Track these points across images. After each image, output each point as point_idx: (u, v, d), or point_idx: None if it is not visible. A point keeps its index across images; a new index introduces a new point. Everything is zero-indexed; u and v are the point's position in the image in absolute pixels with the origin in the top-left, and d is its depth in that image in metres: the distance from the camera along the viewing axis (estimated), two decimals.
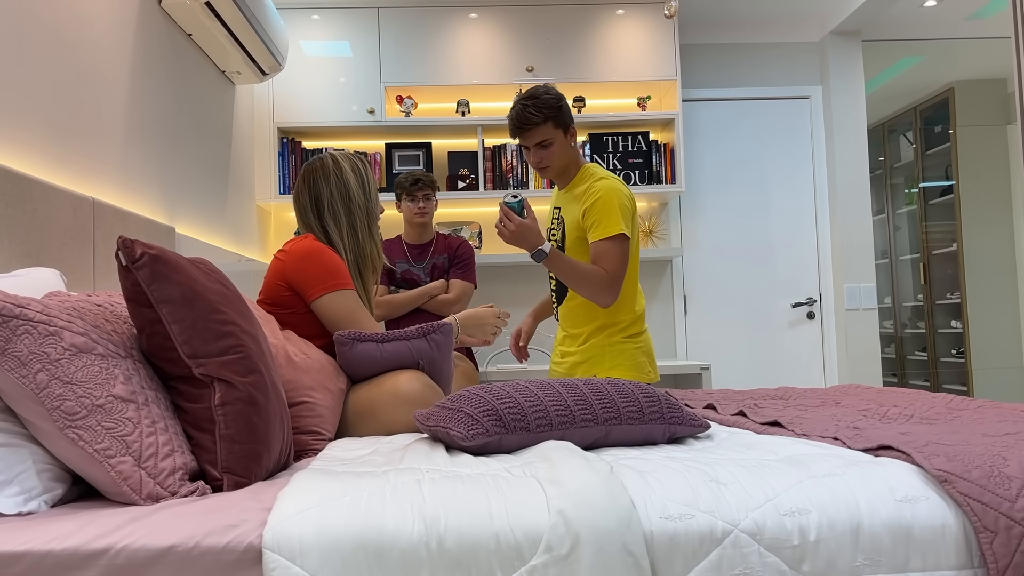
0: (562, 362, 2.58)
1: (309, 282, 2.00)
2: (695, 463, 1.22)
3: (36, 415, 1.12)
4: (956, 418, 1.69)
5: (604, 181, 2.41)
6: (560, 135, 2.44)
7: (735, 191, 4.58)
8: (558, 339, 2.63)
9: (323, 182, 2.16)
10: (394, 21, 4.10)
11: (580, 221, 2.41)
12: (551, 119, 2.40)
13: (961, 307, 5.84)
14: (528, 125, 2.40)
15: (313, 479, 1.15)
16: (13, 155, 1.84)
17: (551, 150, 2.44)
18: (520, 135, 2.44)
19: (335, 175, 2.16)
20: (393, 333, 1.92)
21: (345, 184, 2.16)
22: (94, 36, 2.27)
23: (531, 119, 2.39)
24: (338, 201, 2.14)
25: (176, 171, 2.87)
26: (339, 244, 2.14)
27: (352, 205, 2.16)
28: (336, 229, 2.14)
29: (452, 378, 2.08)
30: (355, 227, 2.16)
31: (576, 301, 2.48)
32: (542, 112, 2.39)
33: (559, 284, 2.54)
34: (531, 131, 2.41)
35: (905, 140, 6.58)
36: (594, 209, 2.37)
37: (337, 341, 1.89)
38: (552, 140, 2.43)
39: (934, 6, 4.40)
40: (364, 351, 1.86)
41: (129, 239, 1.26)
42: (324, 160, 2.19)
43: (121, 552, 0.99)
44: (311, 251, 2.03)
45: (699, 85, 4.58)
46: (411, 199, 3.42)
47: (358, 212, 2.17)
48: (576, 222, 2.43)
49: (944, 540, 1.08)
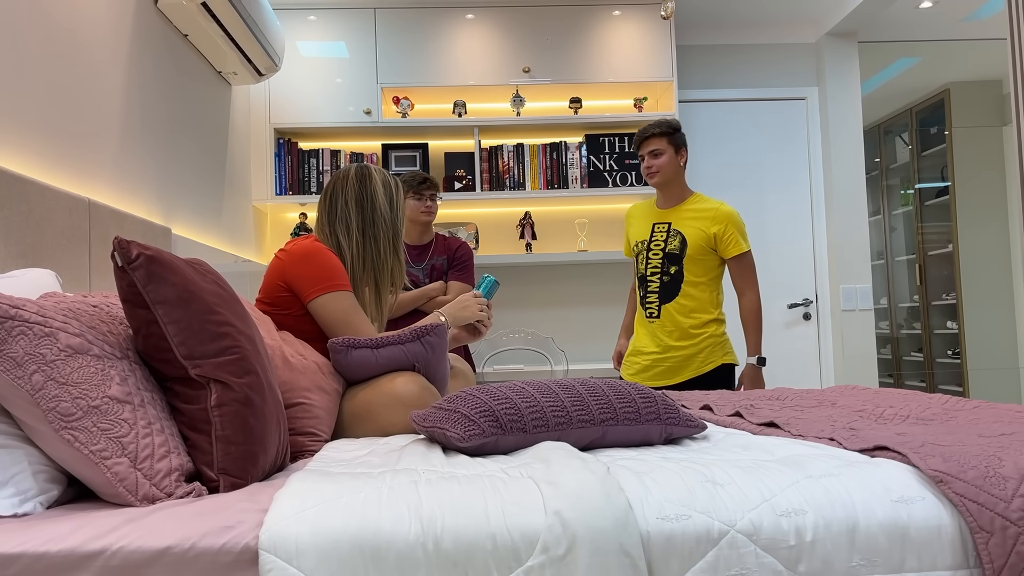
0: (666, 357, 2.93)
1: (306, 282, 1.99)
2: (692, 464, 1.22)
3: (31, 416, 1.12)
4: (952, 419, 1.69)
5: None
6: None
7: (731, 192, 4.59)
8: (660, 335, 2.95)
9: (341, 189, 2.17)
10: (390, 22, 4.10)
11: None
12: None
13: (957, 308, 5.85)
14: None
15: (310, 480, 1.14)
16: (8, 156, 1.83)
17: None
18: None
19: (360, 184, 2.17)
20: (387, 338, 1.90)
21: (372, 195, 2.17)
22: (90, 36, 2.26)
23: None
24: (353, 209, 2.15)
25: (172, 172, 2.87)
26: (347, 251, 2.13)
27: (376, 216, 2.16)
28: (346, 236, 2.14)
29: (448, 378, 2.08)
30: (377, 239, 2.16)
31: (689, 301, 2.91)
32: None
33: (664, 286, 2.94)
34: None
35: (901, 141, 6.60)
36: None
37: (331, 348, 1.88)
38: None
39: (930, 8, 4.41)
40: (359, 357, 1.86)
41: (125, 240, 1.26)
42: (349, 170, 2.21)
43: (117, 554, 0.98)
44: (310, 251, 2.02)
45: (696, 86, 4.58)
46: (418, 197, 3.40)
47: (383, 225, 2.17)
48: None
49: (940, 540, 1.08)
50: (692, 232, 2.90)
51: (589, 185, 4.16)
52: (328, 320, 2.00)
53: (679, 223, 2.94)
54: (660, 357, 2.95)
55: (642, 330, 3.04)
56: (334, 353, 1.88)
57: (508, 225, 4.39)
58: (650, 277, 2.97)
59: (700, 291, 2.91)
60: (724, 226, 2.88)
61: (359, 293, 2.16)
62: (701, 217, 2.92)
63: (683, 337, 2.90)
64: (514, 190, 4.15)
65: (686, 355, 2.90)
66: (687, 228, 2.92)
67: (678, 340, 2.91)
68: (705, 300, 2.90)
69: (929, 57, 5.30)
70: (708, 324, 2.90)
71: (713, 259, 2.92)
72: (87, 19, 2.25)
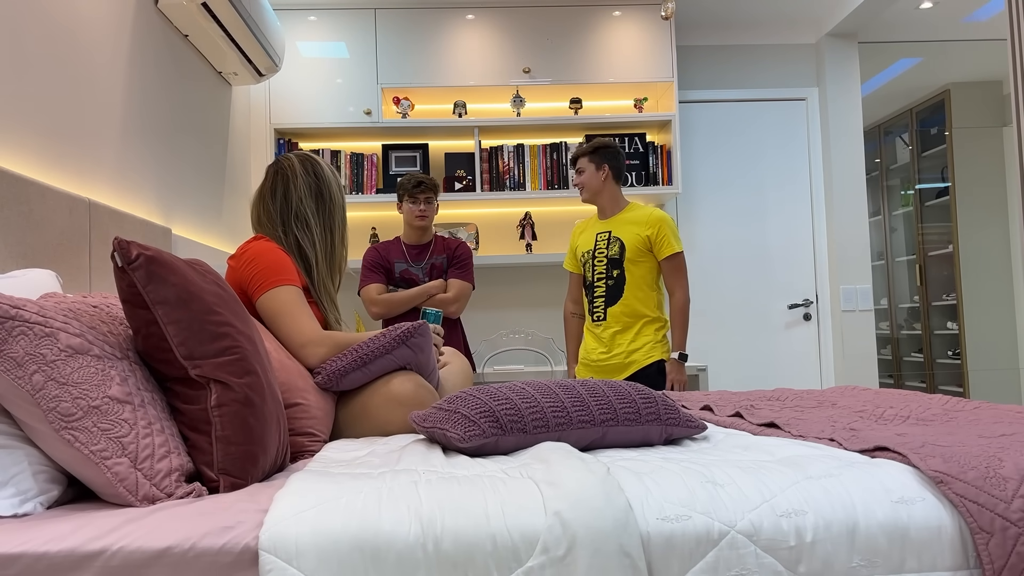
0: (614, 354, 3.13)
1: (253, 284, 1.89)
2: (692, 464, 1.22)
3: (32, 416, 1.12)
4: (952, 419, 1.69)
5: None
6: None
7: (732, 193, 4.59)
8: (606, 336, 3.15)
9: (292, 183, 2.04)
10: (391, 22, 4.10)
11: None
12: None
13: (957, 308, 5.85)
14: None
15: (310, 480, 1.14)
16: (9, 156, 1.83)
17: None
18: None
19: (312, 175, 2.06)
20: (373, 349, 1.82)
21: (327, 185, 2.07)
22: (90, 37, 2.27)
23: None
24: (310, 203, 2.03)
25: (172, 172, 2.87)
26: (309, 249, 2.02)
27: (334, 207, 2.07)
28: (305, 232, 2.02)
29: (436, 370, 2.04)
30: (334, 231, 2.06)
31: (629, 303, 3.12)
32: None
33: (610, 289, 3.12)
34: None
35: (901, 142, 6.60)
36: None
37: (322, 385, 1.78)
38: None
39: (930, 8, 4.41)
40: (352, 381, 1.81)
41: (125, 240, 1.26)
42: (291, 161, 2.07)
43: (117, 554, 0.98)
44: (257, 251, 1.92)
45: (696, 87, 4.58)
46: (412, 201, 3.40)
47: (339, 214, 2.08)
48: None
49: (940, 541, 1.08)
50: (629, 236, 3.14)
51: None
52: (268, 315, 1.86)
53: (617, 230, 3.18)
54: (606, 356, 3.15)
55: (589, 336, 3.25)
56: (327, 384, 1.79)
57: (508, 225, 4.39)
58: (596, 283, 3.19)
59: (642, 292, 3.13)
60: (657, 228, 3.11)
61: (324, 288, 2.04)
62: (636, 222, 3.16)
63: (626, 336, 3.13)
64: (514, 190, 4.15)
65: (628, 351, 3.11)
66: (624, 233, 3.16)
67: (621, 339, 3.13)
68: (645, 301, 3.13)
69: (929, 58, 5.30)
70: (649, 324, 3.13)
71: (650, 261, 3.15)
72: (87, 19, 2.25)
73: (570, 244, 3.38)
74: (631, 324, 3.12)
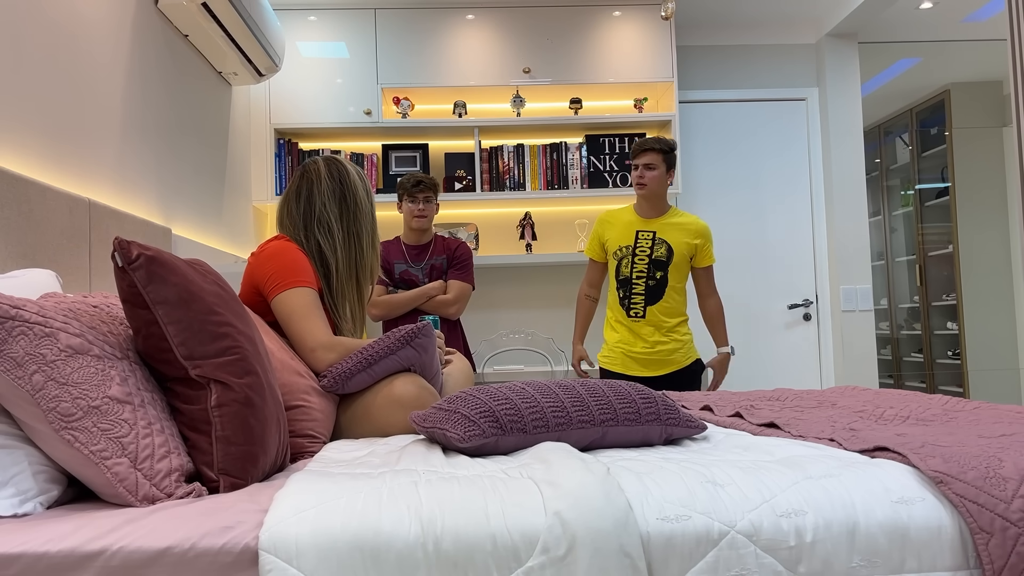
0: (655, 351, 3.23)
1: (269, 282, 1.89)
2: (692, 464, 1.22)
3: (32, 416, 1.12)
4: (952, 419, 1.69)
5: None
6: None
7: (732, 193, 4.59)
8: (645, 332, 3.23)
9: (316, 187, 2.03)
10: (391, 22, 4.10)
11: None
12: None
13: (957, 309, 5.85)
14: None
15: (310, 481, 1.14)
16: (9, 156, 1.83)
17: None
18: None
19: (337, 181, 2.05)
20: (378, 351, 1.81)
21: (352, 191, 2.06)
22: (90, 37, 2.27)
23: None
24: (334, 208, 2.02)
25: (172, 172, 2.87)
26: (330, 254, 2.01)
27: (360, 213, 2.05)
28: (327, 238, 2.01)
29: (440, 373, 2.05)
30: (361, 237, 2.05)
31: (671, 302, 3.24)
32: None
33: (650, 288, 3.22)
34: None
35: (901, 142, 6.60)
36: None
37: (327, 389, 1.78)
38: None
39: (930, 8, 4.41)
40: (357, 383, 1.81)
41: (125, 240, 1.26)
42: (318, 165, 2.07)
43: (117, 554, 0.98)
44: (277, 250, 1.93)
45: (696, 87, 4.58)
46: (412, 200, 3.40)
47: (365, 221, 2.06)
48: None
49: (940, 541, 1.08)
50: (677, 242, 3.24)
51: (589, 186, 4.16)
52: (281, 316, 1.86)
53: (664, 233, 3.26)
54: (650, 351, 3.24)
55: (623, 328, 3.29)
56: (332, 388, 1.79)
57: (508, 225, 4.39)
58: (635, 280, 3.25)
59: (678, 295, 3.26)
60: (705, 239, 3.29)
61: (342, 295, 2.03)
62: (684, 229, 3.27)
63: (667, 334, 3.24)
64: (514, 190, 4.15)
65: (669, 350, 3.23)
66: (672, 238, 3.25)
67: (663, 336, 3.24)
68: (681, 303, 3.28)
69: (929, 58, 5.30)
70: (683, 323, 3.29)
71: (687, 267, 3.29)
72: (87, 19, 2.25)
73: (595, 232, 3.37)
74: (668, 323, 3.24)
